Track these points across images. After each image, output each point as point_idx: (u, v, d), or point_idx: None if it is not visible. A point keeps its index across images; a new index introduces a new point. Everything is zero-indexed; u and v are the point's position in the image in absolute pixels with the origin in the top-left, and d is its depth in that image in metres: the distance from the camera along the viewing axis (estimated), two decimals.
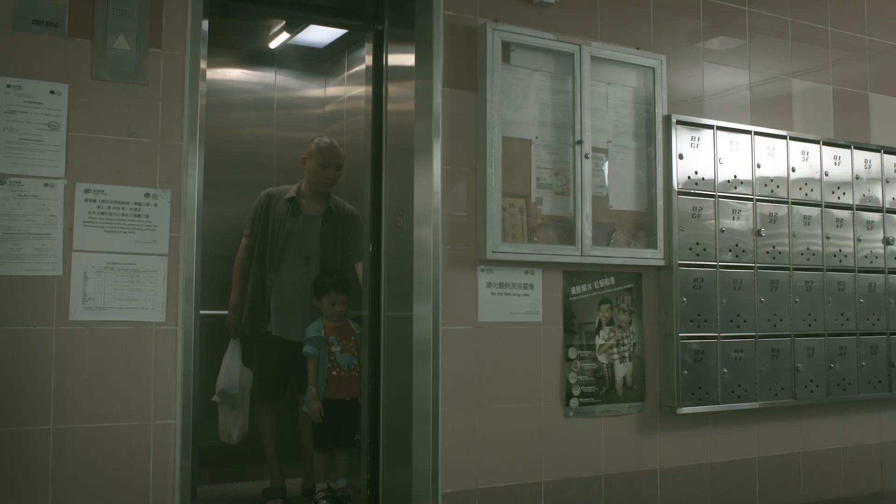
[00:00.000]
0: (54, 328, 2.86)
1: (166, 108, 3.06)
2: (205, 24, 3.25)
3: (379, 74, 3.87)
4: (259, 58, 5.37)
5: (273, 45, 5.26)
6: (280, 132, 5.37)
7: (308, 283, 4.32)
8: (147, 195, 3.01)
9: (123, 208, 2.97)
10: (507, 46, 3.70)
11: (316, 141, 4.45)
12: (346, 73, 5.36)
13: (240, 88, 5.34)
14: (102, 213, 2.94)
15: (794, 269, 4.37)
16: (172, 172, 3.06)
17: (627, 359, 3.95)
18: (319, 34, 5.06)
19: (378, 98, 3.87)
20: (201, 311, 3.42)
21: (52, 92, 2.89)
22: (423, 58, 3.57)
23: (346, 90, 5.34)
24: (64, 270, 2.88)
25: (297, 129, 5.36)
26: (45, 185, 2.87)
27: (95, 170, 2.95)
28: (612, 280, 3.93)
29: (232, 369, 4.32)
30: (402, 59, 3.76)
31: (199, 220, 3.14)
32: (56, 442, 2.84)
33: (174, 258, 3.04)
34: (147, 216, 3.00)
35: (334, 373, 4.18)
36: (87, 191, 2.93)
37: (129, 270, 2.96)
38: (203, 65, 3.19)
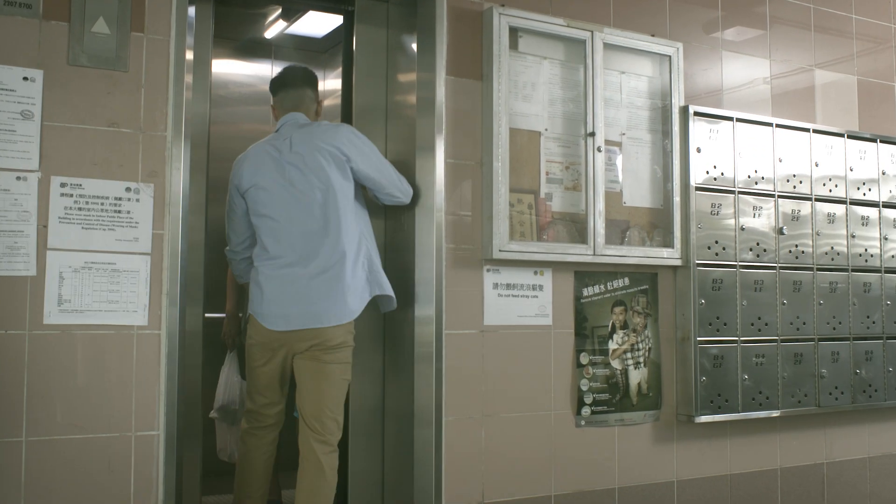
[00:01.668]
0: (27, 332, 2.71)
1: (149, 97, 2.91)
2: (191, 10, 3.12)
3: (382, 62, 3.69)
4: (255, 49, 5.29)
5: (269, 34, 5.18)
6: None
7: None
8: (128, 190, 2.86)
9: (103, 203, 2.82)
10: (514, 32, 3.58)
11: None
12: None
13: (235, 81, 5.26)
14: (80, 209, 2.79)
15: (818, 270, 4.23)
16: (156, 166, 2.90)
17: (642, 364, 3.82)
18: (317, 24, 4.93)
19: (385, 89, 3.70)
20: (206, 315, 3.34)
21: (25, 78, 2.74)
22: (426, 44, 3.45)
23: None
24: (37, 270, 2.72)
25: None
26: (18, 178, 2.72)
27: (72, 162, 2.80)
28: (626, 281, 3.79)
29: (231, 384, 4.18)
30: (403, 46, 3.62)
31: (185, 216, 2.98)
32: (29, 455, 2.70)
33: (157, 257, 2.89)
34: (128, 212, 2.85)
35: None
36: (63, 185, 2.77)
37: (108, 270, 2.81)
38: (189, 54, 3.05)
